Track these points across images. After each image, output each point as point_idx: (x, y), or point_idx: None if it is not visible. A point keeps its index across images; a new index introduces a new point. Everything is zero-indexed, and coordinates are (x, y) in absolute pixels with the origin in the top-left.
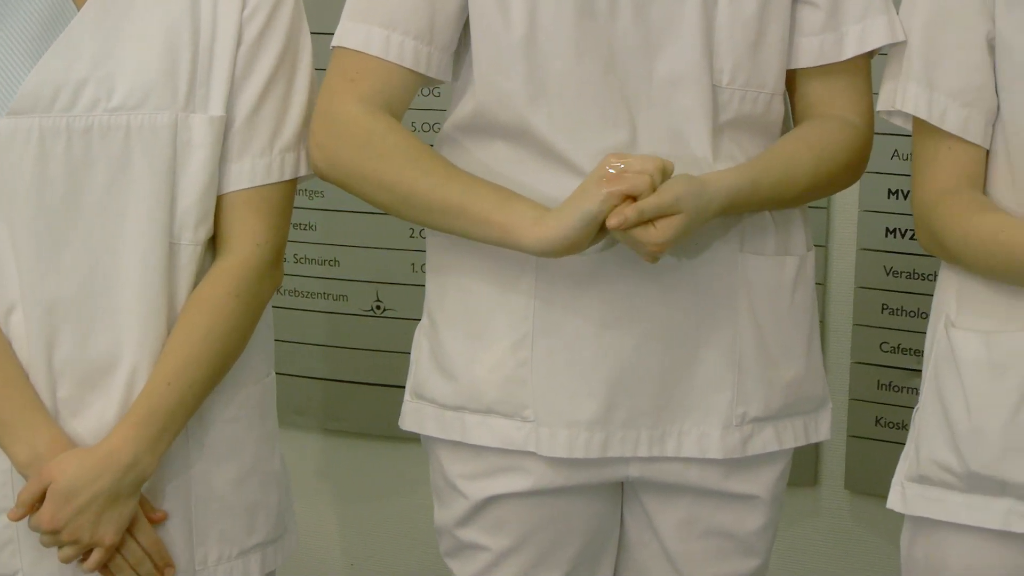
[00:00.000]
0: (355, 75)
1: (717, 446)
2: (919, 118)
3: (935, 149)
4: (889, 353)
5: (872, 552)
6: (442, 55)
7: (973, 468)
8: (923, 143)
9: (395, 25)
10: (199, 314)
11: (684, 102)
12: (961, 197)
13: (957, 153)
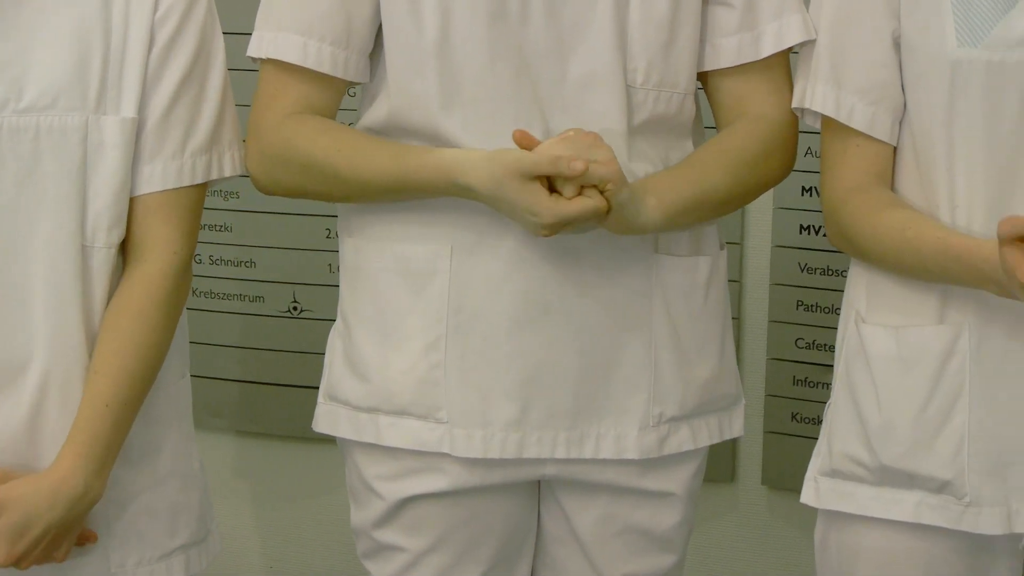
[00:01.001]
0: (277, 90)
1: (634, 447)
2: (827, 116)
3: (843, 147)
4: (804, 349)
5: (789, 547)
6: (359, 58)
7: (884, 462)
8: (831, 141)
9: (311, 31)
10: (127, 328)
11: (598, 103)
12: (869, 194)
13: (865, 150)
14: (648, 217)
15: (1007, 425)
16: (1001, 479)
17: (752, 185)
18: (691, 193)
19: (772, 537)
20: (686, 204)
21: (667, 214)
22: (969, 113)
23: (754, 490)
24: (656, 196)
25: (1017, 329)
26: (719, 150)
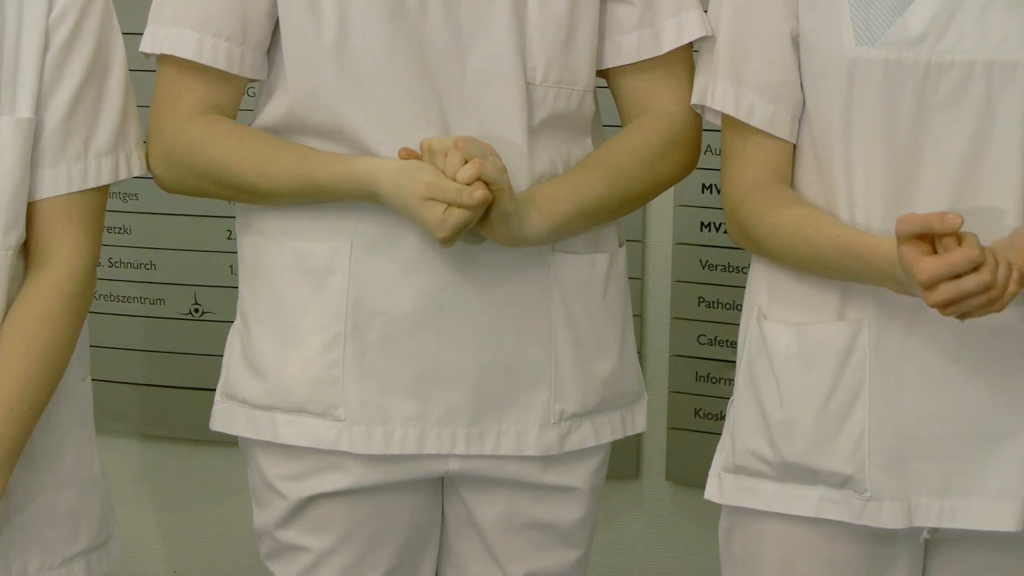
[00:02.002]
0: (178, 89)
1: (535, 444)
2: (727, 114)
3: (743, 144)
4: (706, 345)
5: (694, 542)
6: (256, 55)
7: (786, 458)
8: (732, 138)
9: (206, 27)
10: (32, 332)
11: (497, 100)
12: (769, 191)
13: (765, 148)
14: (532, 229)
15: (906, 420)
16: (900, 473)
17: (650, 184)
18: (575, 204)
19: (677, 533)
20: (570, 215)
21: (551, 226)
22: (867, 111)
23: (659, 486)
24: (539, 209)
25: (914, 326)
26: (614, 153)
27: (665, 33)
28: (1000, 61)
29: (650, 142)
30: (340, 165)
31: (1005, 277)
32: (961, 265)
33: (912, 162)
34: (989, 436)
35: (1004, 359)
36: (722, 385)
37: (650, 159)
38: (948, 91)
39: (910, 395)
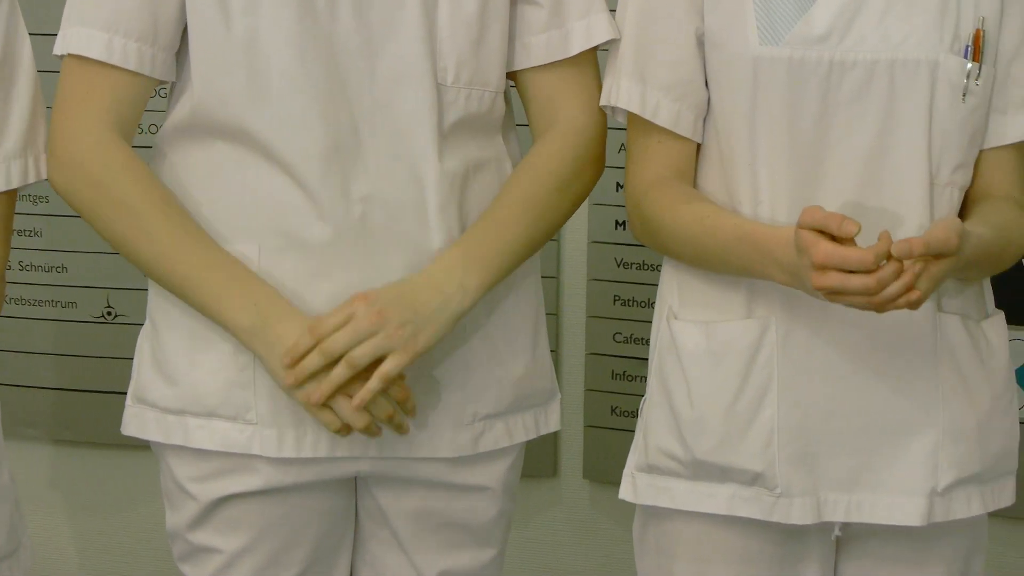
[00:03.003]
0: (85, 92)
1: (448, 445)
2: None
3: (646, 142)
4: (622, 343)
5: (612, 540)
6: (166, 55)
7: (697, 456)
8: (636, 136)
9: (116, 28)
10: None
11: (408, 102)
12: (670, 188)
13: (667, 146)
14: (470, 302)
15: (813, 417)
16: (810, 469)
17: (568, 206)
18: (503, 256)
19: (594, 531)
20: (501, 269)
21: (486, 288)
22: (771, 110)
23: (576, 484)
24: (470, 274)
25: (821, 324)
26: (529, 183)
27: (574, 35)
28: (902, 60)
29: (563, 163)
30: (242, 296)
31: (895, 291)
32: (852, 263)
33: (816, 160)
34: (896, 432)
35: (910, 356)
36: (638, 383)
37: (566, 182)
38: (851, 90)
39: (818, 392)
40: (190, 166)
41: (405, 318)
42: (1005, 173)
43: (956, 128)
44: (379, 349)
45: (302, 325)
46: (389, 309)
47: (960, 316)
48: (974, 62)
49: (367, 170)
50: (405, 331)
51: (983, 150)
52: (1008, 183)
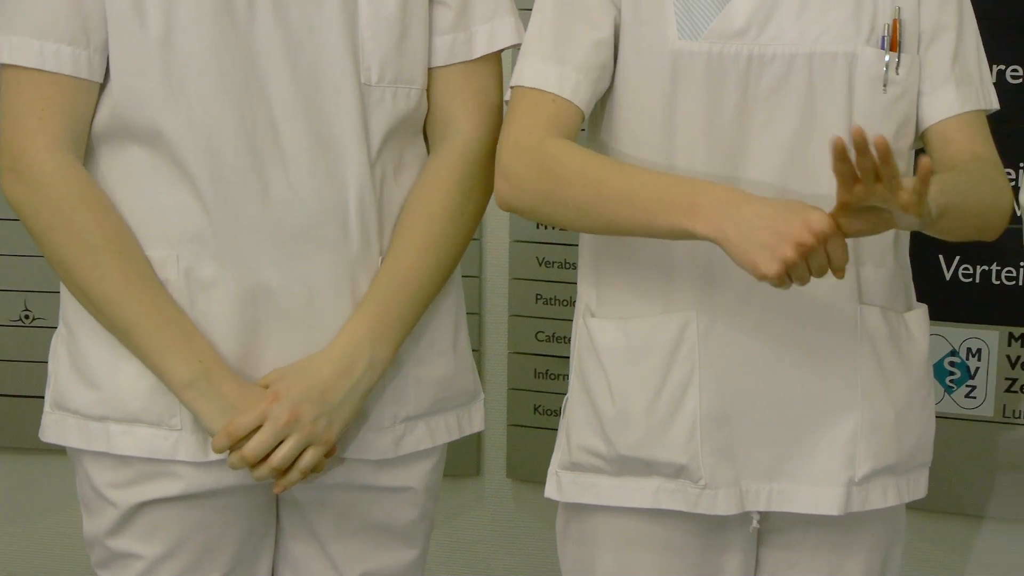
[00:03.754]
0: (29, 102)
1: (370, 448)
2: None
3: (538, 100)
4: (544, 342)
5: (536, 539)
6: (102, 57)
7: (621, 452)
8: (524, 96)
9: (47, 33)
10: None
11: (330, 102)
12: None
13: (559, 107)
14: (382, 370)
15: (736, 409)
16: (732, 460)
17: (465, 232)
18: (411, 307)
19: (518, 529)
20: (408, 325)
21: (394, 351)
22: (690, 104)
23: (500, 483)
24: (377, 352)
25: (741, 316)
26: (423, 219)
27: (478, 38)
28: (820, 53)
29: (454, 190)
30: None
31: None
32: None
33: (736, 154)
34: (815, 422)
35: (831, 347)
36: (561, 381)
37: (460, 208)
38: (770, 83)
39: (739, 384)
40: (111, 170)
41: (318, 412)
42: (963, 136)
43: (879, 119)
44: (297, 448)
45: (241, 387)
46: (301, 407)
47: (881, 308)
48: (892, 52)
49: (287, 173)
50: (319, 425)
51: (927, 128)
52: (970, 145)
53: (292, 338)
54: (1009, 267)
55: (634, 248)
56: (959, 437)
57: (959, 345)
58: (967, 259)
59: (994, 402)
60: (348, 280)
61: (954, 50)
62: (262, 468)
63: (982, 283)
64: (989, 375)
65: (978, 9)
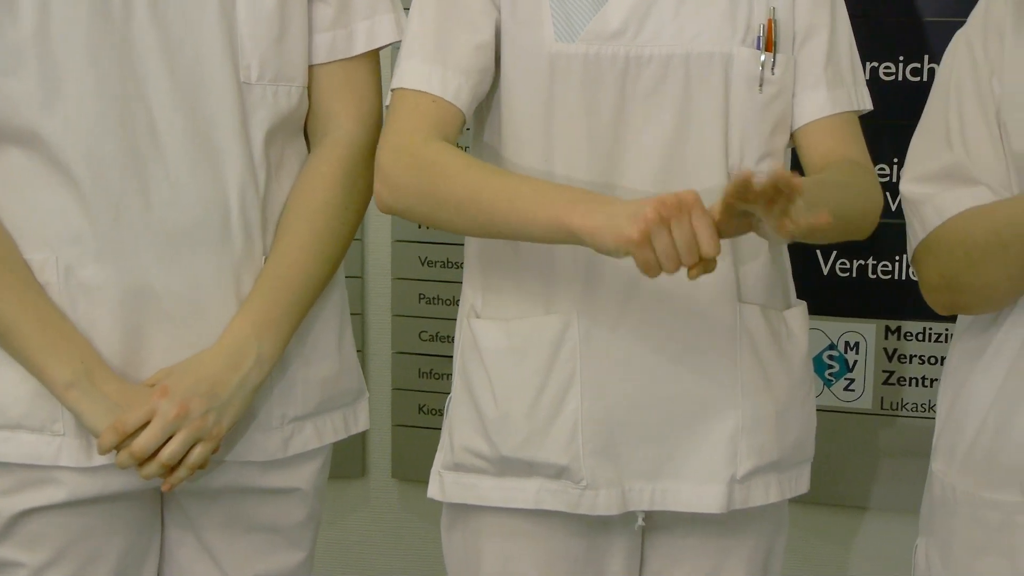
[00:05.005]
0: None
1: (258, 450)
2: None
3: (418, 101)
4: (428, 342)
5: (422, 539)
6: None
7: (503, 452)
8: (405, 97)
9: None
10: None
11: (210, 102)
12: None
13: (441, 108)
14: (270, 366)
15: (617, 408)
16: (614, 461)
17: (349, 228)
18: (292, 312)
19: (404, 530)
20: (294, 321)
21: (282, 347)
22: (568, 106)
23: (385, 484)
24: (264, 347)
25: (622, 316)
26: (306, 219)
27: (357, 35)
28: (696, 54)
29: (336, 187)
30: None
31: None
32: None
33: (615, 154)
34: (697, 421)
35: (709, 347)
36: (445, 381)
37: (342, 206)
38: (647, 84)
39: (621, 384)
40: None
41: (207, 407)
42: (834, 139)
43: (755, 118)
44: (186, 444)
45: (124, 386)
46: (190, 401)
47: (760, 306)
48: (767, 52)
49: (168, 173)
50: (208, 420)
51: (798, 129)
52: (841, 147)
53: (176, 339)
54: (885, 261)
55: (518, 250)
56: (839, 430)
57: (837, 339)
58: (844, 254)
59: (872, 394)
60: (232, 279)
61: (827, 51)
62: (151, 465)
63: (859, 278)
64: (867, 368)
65: (851, 7)
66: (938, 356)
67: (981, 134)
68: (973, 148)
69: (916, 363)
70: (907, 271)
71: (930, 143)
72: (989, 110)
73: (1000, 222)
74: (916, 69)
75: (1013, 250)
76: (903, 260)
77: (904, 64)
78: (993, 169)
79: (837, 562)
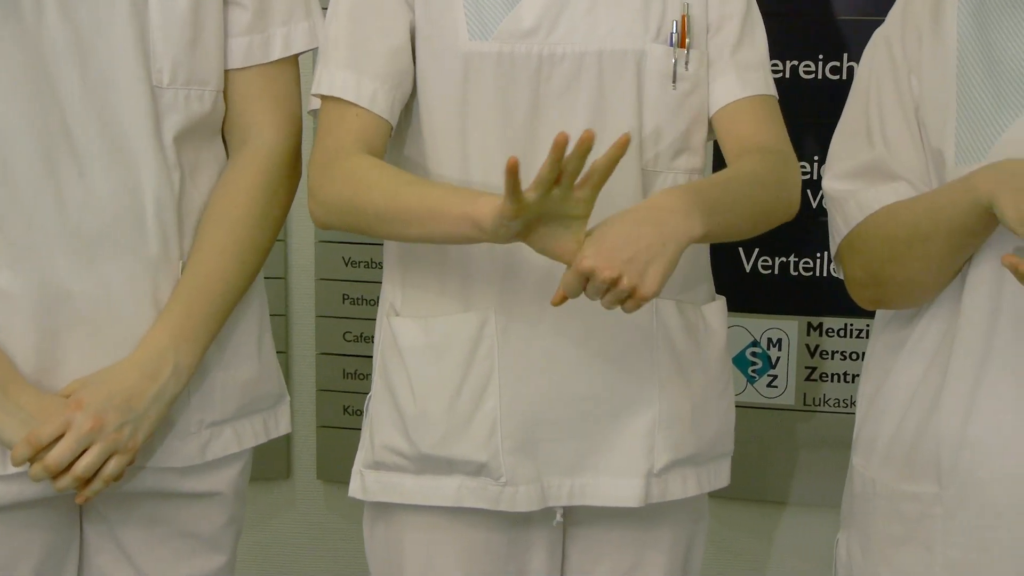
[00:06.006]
0: None
1: (177, 455)
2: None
3: (343, 114)
4: (352, 342)
5: (347, 540)
6: None
7: (422, 450)
8: (331, 110)
9: None
10: None
11: (122, 105)
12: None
13: (364, 121)
14: (188, 377)
15: (535, 405)
16: (533, 457)
17: (270, 234)
18: (211, 320)
19: (330, 531)
20: (213, 329)
21: (200, 357)
22: (483, 104)
23: (310, 485)
24: (182, 358)
25: (539, 314)
26: (224, 230)
27: (274, 41)
28: (609, 51)
29: (257, 196)
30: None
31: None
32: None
33: (529, 153)
34: (615, 416)
35: (628, 341)
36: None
37: (263, 213)
38: (561, 82)
39: (539, 380)
40: None
41: (122, 419)
42: (748, 124)
43: (669, 115)
44: (101, 457)
45: (40, 397)
46: (105, 414)
47: (677, 302)
48: (681, 48)
49: (82, 177)
50: (124, 432)
51: (713, 116)
52: (756, 133)
53: (93, 345)
54: (807, 259)
55: (437, 248)
56: (761, 425)
57: (760, 336)
58: (766, 251)
59: (795, 391)
60: (148, 283)
61: (738, 37)
62: (65, 478)
63: (781, 274)
64: (789, 364)
65: (772, 6)
66: (859, 352)
67: (901, 131)
68: (893, 145)
69: (837, 359)
70: (828, 268)
71: (851, 141)
72: (908, 108)
73: (921, 216)
74: (835, 68)
75: (934, 244)
76: (824, 257)
77: (823, 63)
78: (913, 165)
79: (759, 556)
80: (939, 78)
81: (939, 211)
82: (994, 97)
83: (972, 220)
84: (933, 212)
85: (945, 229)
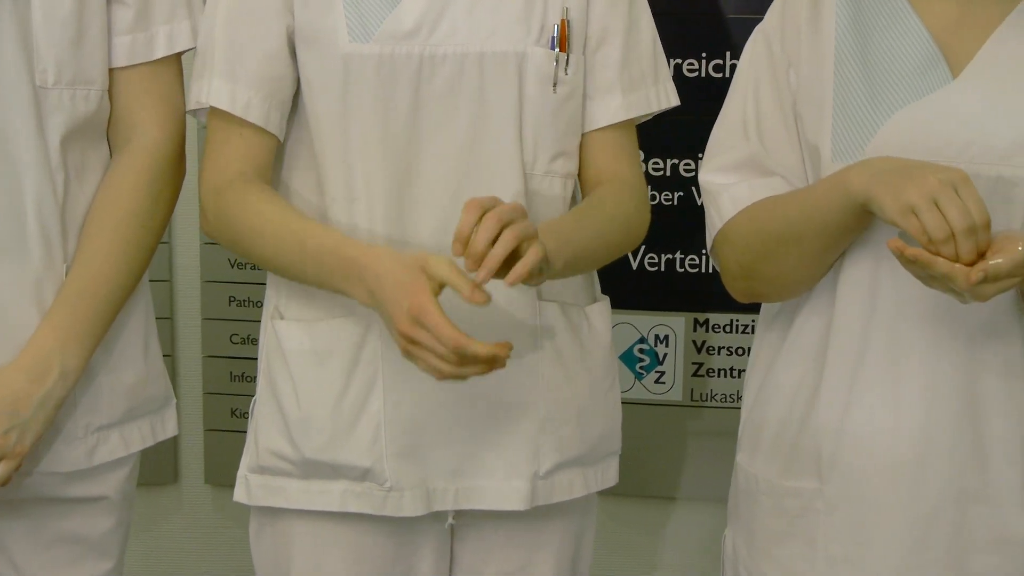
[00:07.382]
0: None
1: (64, 460)
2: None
3: (227, 135)
4: (239, 344)
5: (236, 544)
6: None
7: (307, 455)
8: (217, 128)
9: None
10: None
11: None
12: (255, 185)
13: (251, 141)
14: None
15: (420, 409)
16: (419, 461)
17: (155, 234)
18: (97, 320)
19: (218, 535)
20: (100, 331)
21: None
22: (364, 107)
23: (198, 489)
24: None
25: None
26: (109, 230)
27: (158, 39)
28: (491, 53)
29: (141, 196)
30: None
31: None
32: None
33: (411, 154)
34: (500, 419)
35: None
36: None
37: (148, 213)
38: (443, 84)
39: (423, 385)
40: None
41: (9, 424)
42: (609, 155)
43: (549, 118)
44: None
45: None
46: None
47: (559, 303)
48: (561, 52)
49: None
50: (10, 438)
51: (584, 135)
52: (614, 164)
53: None
54: (693, 255)
55: None
56: (650, 422)
57: (647, 332)
58: (652, 248)
59: (682, 386)
60: (32, 289)
61: (622, 54)
62: None
63: (667, 271)
64: (677, 360)
65: (656, 4)
66: (745, 347)
67: (777, 126)
68: (769, 140)
69: (724, 354)
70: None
71: (727, 135)
72: (786, 102)
73: (793, 213)
74: (719, 66)
75: (807, 240)
76: None
77: (707, 61)
78: (788, 160)
79: (647, 552)
80: (816, 73)
81: (812, 209)
82: (869, 94)
83: (845, 217)
84: (806, 209)
85: (818, 226)
